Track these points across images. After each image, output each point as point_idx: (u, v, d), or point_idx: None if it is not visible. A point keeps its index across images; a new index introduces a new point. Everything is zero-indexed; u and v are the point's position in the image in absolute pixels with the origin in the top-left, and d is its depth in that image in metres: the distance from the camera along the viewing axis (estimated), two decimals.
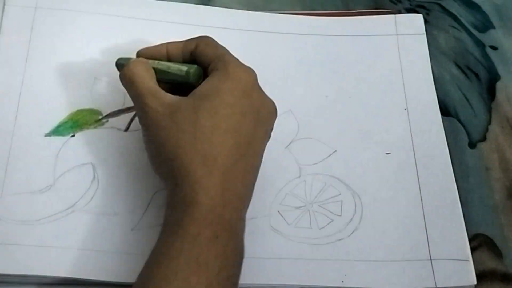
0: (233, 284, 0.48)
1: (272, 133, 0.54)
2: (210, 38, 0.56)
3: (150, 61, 0.55)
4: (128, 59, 0.56)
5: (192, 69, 0.54)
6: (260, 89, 0.54)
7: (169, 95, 0.53)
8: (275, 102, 0.54)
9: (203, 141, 0.49)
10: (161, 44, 0.57)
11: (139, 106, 0.53)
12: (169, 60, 0.56)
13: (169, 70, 0.55)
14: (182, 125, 0.50)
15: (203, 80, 0.53)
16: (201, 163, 0.49)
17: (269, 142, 0.54)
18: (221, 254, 0.47)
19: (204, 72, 0.54)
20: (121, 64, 0.57)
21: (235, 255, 0.48)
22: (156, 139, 0.51)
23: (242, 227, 0.50)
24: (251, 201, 0.52)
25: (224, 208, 0.48)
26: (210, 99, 0.51)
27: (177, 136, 0.50)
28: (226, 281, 0.46)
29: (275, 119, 0.55)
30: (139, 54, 0.57)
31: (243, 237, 0.50)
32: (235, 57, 0.54)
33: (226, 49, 0.55)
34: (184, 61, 0.56)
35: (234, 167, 0.49)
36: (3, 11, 0.64)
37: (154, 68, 0.55)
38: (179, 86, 0.55)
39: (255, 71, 0.54)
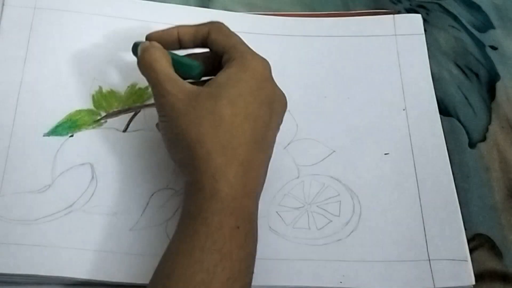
0: (250, 273, 0.49)
1: None
2: (222, 24, 0.57)
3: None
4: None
5: (202, 66, 0.55)
6: (273, 80, 0.54)
7: (187, 82, 0.53)
8: None
9: (222, 130, 0.50)
10: (172, 28, 0.57)
11: (159, 92, 0.53)
12: (180, 44, 0.57)
13: (183, 61, 0.56)
14: (201, 113, 0.50)
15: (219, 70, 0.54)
16: (221, 153, 0.49)
17: None
18: (242, 245, 0.48)
19: (216, 57, 0.55)
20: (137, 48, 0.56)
21: (253, 245, 0.49)
22: (175, 126, 0.51)
23: (257, 216, 0.51)
24: None
25: (244, 198, 0.49)
26: (228, 88, 0.51)
27: (198, 123, 0.50)
28: (246, 270, 0.47)
29: (285, 111, 0.55)
30: (148, 37, 0.57)
31: (257, 226, 0.51)
32: (249, 47, 0.55)
33: (238, 37, 0.56)
34: (196, 46, 0.57)
35: (252, 157, 0.50)
36: (2, 11, 0.64)
37: None
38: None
39: None
